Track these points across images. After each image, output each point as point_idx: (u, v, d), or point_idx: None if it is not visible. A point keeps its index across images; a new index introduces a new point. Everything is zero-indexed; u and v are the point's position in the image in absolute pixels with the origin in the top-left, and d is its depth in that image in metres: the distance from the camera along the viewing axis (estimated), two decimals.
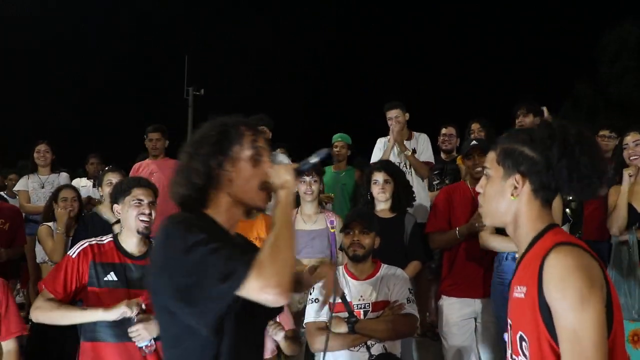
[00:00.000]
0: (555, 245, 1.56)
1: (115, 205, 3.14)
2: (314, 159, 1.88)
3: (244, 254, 1.60)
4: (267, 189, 1.80)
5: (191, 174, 1.78)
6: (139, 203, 3.06)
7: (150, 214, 3.07)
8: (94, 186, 6.43)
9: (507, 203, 1.72)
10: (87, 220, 4.65)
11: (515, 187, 1.70)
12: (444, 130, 6.03)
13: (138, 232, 3.05)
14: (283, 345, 3.34)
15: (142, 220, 3.04)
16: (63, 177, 6.00)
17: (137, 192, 3.09)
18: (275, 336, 3.31)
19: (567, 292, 1.48)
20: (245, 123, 1.84)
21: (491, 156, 1.78)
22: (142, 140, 6.07)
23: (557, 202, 4.02)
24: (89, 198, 5.84)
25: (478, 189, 1.83)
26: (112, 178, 4.76)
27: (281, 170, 1.78)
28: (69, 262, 2.97)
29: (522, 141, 1.71)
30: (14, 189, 6.36)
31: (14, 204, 6.04)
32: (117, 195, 3.15)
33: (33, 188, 5.94)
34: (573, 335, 1.46)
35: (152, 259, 1.71)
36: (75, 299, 2.97)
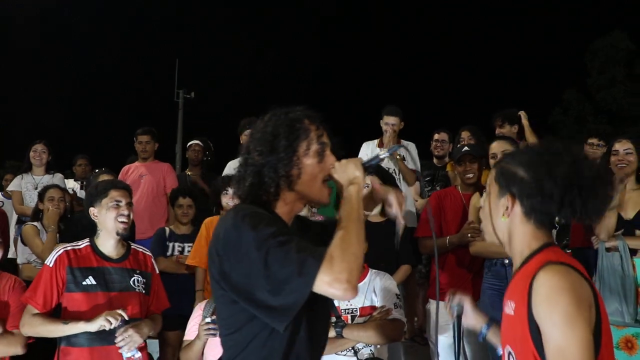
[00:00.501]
0: (545, 264, 1.54)
1: (91, 209, 3.09)
2: (383, 154, 1.90)
3: (314, 248, 1.58)
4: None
5: (260, 171, 1.75)
6: (117, 205, 3.03)
7: (128, 215, 3.05)
8: (81, 188, 6.41)
9: (500, 222, 1.72)
10: (76, 221, 4.62)
11: (507, 208, 1.69)
12: (436, 136, 6.05)
13: (117, 233, 3.03)
14: None
15: (121, 222, 3.02)
16: (58, 179, 5.95)
17: (115, 194, 3.05)
18: None
19: (554, 312, 1.47)
20: (308, 116, 1.82)
21: (492, 173, 1.78)
22: (132, 143, 6.05)
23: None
24: (78, 199, 5.81)
25: (480, 203, 1.85)
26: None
27: (350, 165, 1.77)
28: (47, 271, 2.96)
29: (519, 162, 1.68)
30: (7, 189, 6.31)
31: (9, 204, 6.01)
32: (93, 197, 3.10)
33: (26, 189, 5.89)
34: (560, 354, 1.46)
35: (216, 248, 1.67)
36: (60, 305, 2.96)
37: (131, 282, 3.07)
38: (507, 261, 3.55)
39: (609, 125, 22.18)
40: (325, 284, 1.52)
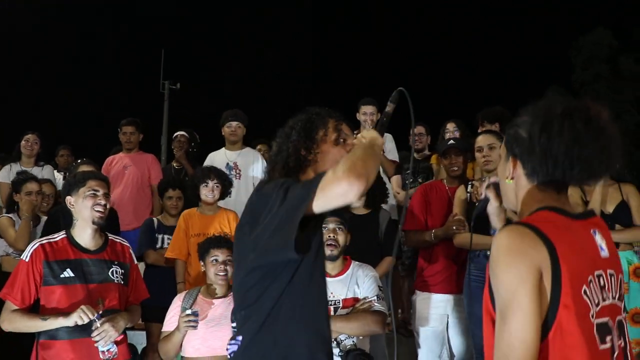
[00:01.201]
0: (509, 224, 1.52)
1: (68, 197, 3.07)
2: (389, 107, 2.08)
3: None
4: None
5: (285, 157, 1.99)
6: (94, 194, 3.02)
7: (105, 205, 3.04)
8: (64, 179, 6.34)
9: (507, 186, 1.67)
10: (58, 214, 4.58)
11: (510, 170, 1.63)
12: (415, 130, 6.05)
13: (93, 222, 3.01)
14: None
15: (97, 211, 3.00)
16: (47, 170, 5.89)
17: (92, 184, 3.04)
18: None
19: (494, 273, 1.46)
20: (329, 112, 2.08)
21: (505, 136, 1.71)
22: (116, 133, 6.00)
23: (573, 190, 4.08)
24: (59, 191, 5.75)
25: (492, 179, 1.89)
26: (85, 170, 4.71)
27: (365, 133, 1.95)
28: (23, 266, 2.93)
29: (521, 122, 1.60)
30: None
31: None
32: (71, 186, 3.09)
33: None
34: (500, 315, 1.43)
35: (245, 219, 1.92)
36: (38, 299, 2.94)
37: (110, 274, 3.05)
38: (489, 252, 3.58)
39: None
40: (330, 179, 1.66)
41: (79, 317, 2.78)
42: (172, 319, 3.36)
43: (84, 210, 3.00)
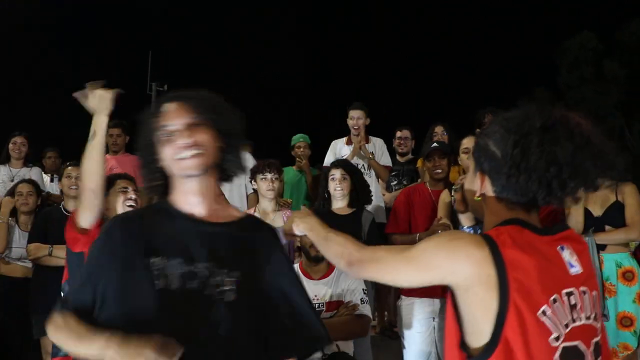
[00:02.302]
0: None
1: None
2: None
3: None
4: None
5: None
6: (124, 190, 3.22)
7: (136, 200, 3.22)
8: (51, 180, 6.31)
9: (476, 202, 1.57)
10: (46, 215, 4.57)
11: (479, 186, 1.53)
12: (399, 134, 6.12)
13: None
14: None
15: (129, 205, 3.17)
16: (35, 172, 5.86)
17: (122, 183, 3.26)
18: None
19: (425, 242, 1.48)
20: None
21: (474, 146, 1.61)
22: None
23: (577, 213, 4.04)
24: (49, 193, 5.73)
25: (461, 180, 1.82)
26: (72, 172, 4.70)
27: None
28: None
29: (492, 132, 1.48)
30: None
31: None
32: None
33: (2, 181, 5.78)
34: (406, 250, 1.50)
35: None
36: None
37: None
38: None
39: None
40: None
41: None
42: None
43: (118, 206, 3.17)
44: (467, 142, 3.95)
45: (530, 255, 1.38)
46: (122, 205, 3.18)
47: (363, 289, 3.31)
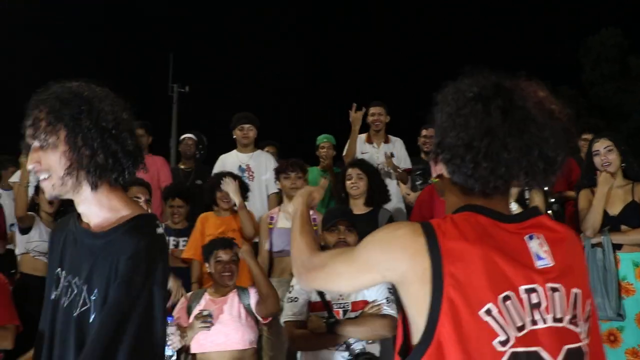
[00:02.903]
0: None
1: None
2: None
3: None
4: None
5: None
6: (136, 200, 3.12)
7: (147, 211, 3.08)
8: None
9: (434, 184, 1.49)
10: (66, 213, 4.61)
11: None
12: (424, 132, 6.09)
13: None
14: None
15: None
16: None
17: (135, 190, 3.15)
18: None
19: (364, 240, 1.37)
20: None
21: None
22: None
23: (538, 199, 4.06)
24: None
25: None
26: None
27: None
28: None
29: (438, 110, 1.33)
30: (9, 180, 6.25)
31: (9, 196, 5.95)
32: None
33: (31, 182, 5.84)
34: (346, 251, 1.41)
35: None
36: None
37: None
38: None
39: (601, 121, 22.27)
40: None
41: None
42: (178, 318, 3.44)
43: None
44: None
45: (478, 245, 1.20)
46: None
47: (388, 288, 3.27)
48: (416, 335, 1.21)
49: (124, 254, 1.49)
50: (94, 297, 1.51)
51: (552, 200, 4.63)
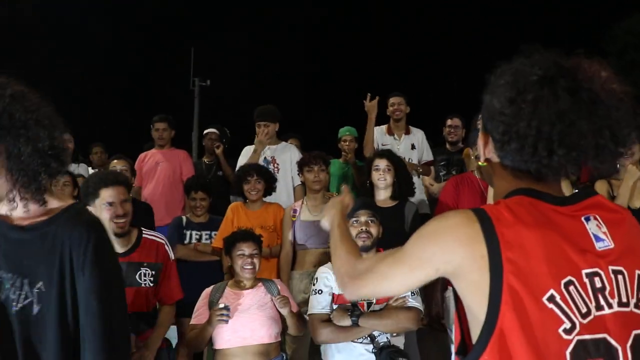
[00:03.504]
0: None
1: (88, 207, 3.00)
2: None
3: None
4: None
5: None
6: (109, 206, 2.96)
7: (123, 215, 2.98)
8: None
9: (484, 168, 1.37)
10: None
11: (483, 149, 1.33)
12: (449, 122, 6.03)
13: (114, 234, 2.98)
14: (289, 322, 3.35)
15: (116, 222, 2.96)
16: (83, 168, 6.00)
17: (105, 194, 2.97)
18: (281, 309, 3.32)
19: (417, 233, 1.27)
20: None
21: None
22: (148, 130, 6.07)
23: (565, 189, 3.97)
24: None
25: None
26: (117, 166, 4.78)
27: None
28: None
29: (497, 85, 1.26)
30: None
31: None
32: (86, 197, 3.05)
33: None
34: (393, 252, 1.30)
35: None
36: None
37: (137, 277, 3.04)
38: None
39: None
40: None
41: None
42: (200, 313, 3.39)
43: (104, 222, 2.98)
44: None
45: (536, 230, 1.15)
46: (108, 223, 2.93)
47: None
48: (476, 329, 1.16)
49: (76, 245, 1.55)
50: (36, 290, 1.55)
51: (576, 191, 4.56)
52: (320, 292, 3.24)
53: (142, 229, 3.20)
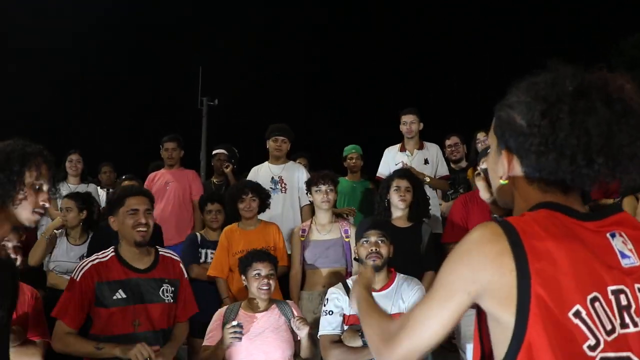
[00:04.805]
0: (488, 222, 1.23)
1: (110, 217, 3.03)
2: None
3: None
4: None
5: None
6: (134, 212, 2.94)
7: (147, 224, 2.95)
8: (107, 195, 6.47)
9: (501, 186, 1.32)
10: (104, 229, 4.64)
11: (504, 168, 1.29)
12: (448, 142, 6.04)
13: (135, 242, 2.94)
14: (305, 344, 3.31)
15: (138, 231, 2.92)
16: (92, 188, 6.03)
17: (131, 202, 2.95)
18: (299, 331, 3.29)
19: (448, 259, 1.23)
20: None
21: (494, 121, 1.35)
22: (156, 150, 6.10)
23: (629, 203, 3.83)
24: (105, 208, 5.85)
25: (482, 165, 1.52)
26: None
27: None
28: (76, 287, 2.88)
29: (516, 102, 1.24)
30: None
31: None
32: (111, 206, 3.04)
33: (62, 197, 5.97)
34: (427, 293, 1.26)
35: None
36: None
37: (160, 293, 3.01)
38: None
39: None
40: None
41: (135, 356, 2.69)
42: (212, 334, 3.36)
43: (126, 231, 2.93)
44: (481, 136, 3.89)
45: (562, 244, 1.13)
46: (131, 231, 2.92)
47: None
48: (502, 345, 1.14)
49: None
50: None
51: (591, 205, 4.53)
52: (331, 312, 3.22)
53: (157, 246, 3.19)
